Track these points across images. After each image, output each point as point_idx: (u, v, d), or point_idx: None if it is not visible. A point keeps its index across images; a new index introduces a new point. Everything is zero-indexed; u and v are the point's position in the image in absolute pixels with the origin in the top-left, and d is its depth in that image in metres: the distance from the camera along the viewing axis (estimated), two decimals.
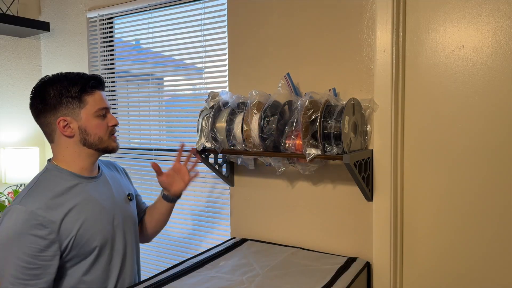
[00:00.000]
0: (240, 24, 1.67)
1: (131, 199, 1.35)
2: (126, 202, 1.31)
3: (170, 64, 2.02)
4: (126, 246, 1.27)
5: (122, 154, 2.19)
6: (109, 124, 1.21)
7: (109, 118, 1.22)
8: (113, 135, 1.24)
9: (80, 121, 1.16)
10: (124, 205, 1.30)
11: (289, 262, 1.39)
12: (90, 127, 1.17)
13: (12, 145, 2.34)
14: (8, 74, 2.35)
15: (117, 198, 1.27)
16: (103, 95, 1.22)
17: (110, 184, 1.28)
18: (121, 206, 1.28)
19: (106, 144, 1.21)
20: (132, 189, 1.43)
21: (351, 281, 1.24)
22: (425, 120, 1.37)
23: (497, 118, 1.26)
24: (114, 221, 1.22)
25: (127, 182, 1.42)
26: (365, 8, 1.41)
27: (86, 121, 1.16)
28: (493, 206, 1.28)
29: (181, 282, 1.22)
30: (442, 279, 1.38)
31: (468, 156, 1.31)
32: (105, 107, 1.20)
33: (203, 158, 1.59)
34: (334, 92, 1.42)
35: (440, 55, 1.33)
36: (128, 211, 1.31)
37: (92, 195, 1.19)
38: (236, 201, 1.75)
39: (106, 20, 2.19)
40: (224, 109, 1.51)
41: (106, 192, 1.24)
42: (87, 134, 1.17)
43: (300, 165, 1.45)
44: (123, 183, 1.37)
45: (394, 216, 1.40)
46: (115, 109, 2.21)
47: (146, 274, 1.99)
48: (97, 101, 1.18)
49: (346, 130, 1.25)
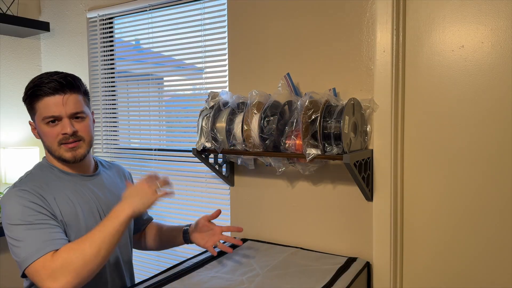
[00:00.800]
0: (240, 24, 1.67)
1: None
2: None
3: (170, 64, 2.02)
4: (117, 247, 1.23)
5: (122, 154, 2.19)
6: (61, 131, 1.13)
7: (62, 126, 1.13)
8: (65, 144, 1.14)
9: (37, 126, 1.17)
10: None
11: (289, 262, 1.39)
12: (42, 133, 1.16)
13: (12, 145, 2.34)
14: (8, 74, 2.35)
15: (110, 200, 1.25)
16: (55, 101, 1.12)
17: (105, 185, 1.27)
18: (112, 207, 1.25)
19: (58, 154, 1.16)
20: None
21: (351, 281, 1.24)
22: (425, 120, 1.37)
23: (497, 118, 1.26)
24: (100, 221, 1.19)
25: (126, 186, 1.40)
26: (365, 8, 1.41)
27: (39, 127, 1.16)
28: (493, 206, 1.28)
29: (181, 282, 1.22)
30: (442, 279, 1.38)
31: (468, 156, 1.31)
32: (50, 115, 1.12)
33: (203, 158, 1.60)
34: (334, 92, 1.42)
35: (440, 55, 1.33)
36: None
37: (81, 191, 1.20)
38: (236, 201, 1.74)
39: (106, 20, 2.19)
40: (224, 109, 1.51)
41: (97, 191, 1.23)
42: (43, 140, 1.18)
43: (300, 165, 1.45)
44: (121, 186, 1.34)
45: (394, 216, 1.40)
46: (115, 109, 2.21)
47: (146, 274, 2.00)
48: (43, 108, 1.12)
49: (346, 130, 1.25)
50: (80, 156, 1.17)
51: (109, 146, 2.24)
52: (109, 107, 2.23)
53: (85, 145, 1.18)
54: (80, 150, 1.17)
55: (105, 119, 2.24)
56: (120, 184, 1.35)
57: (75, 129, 1.14)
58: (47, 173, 1.18)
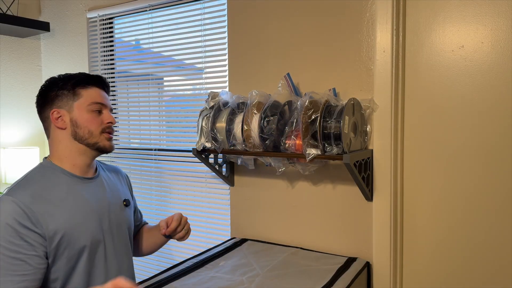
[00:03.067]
0: (240, 24, 1.67)
1: (126, 205, 1.31)
2: (121, 208, 1.28)
3: (170, 64, 2.02)
4: (115, 250, 1.23)
5: (122, 154, 2.19)
6: (104, 121, 1.20)
7: (105, 115, 1.20)
8: (106, 133, 1.20)
9: (72, 113, 1.16)
10: (118, 210, 1.26)
11: (289, 262, 1.39)
12: (81, 120, 1.16)
13: (12, 145, 2.34)
14: (8, 74, 2.35)
15: (111, 202, 1.24)
16: (101, 93, 1.21)
17: (105, 187, 1.26)
18: (114, 210, 1.25)
19: (96, 140, 1.18)
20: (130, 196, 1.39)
21: (351, 281, 1.24)
22: (425, 120, 1.37)
23: (497, 118, 1.26)
24: (103, 224, 1.19)
25: (126, 188, 1.39)
26: (365, 8, 1.41)
27: (78, 113, 1.16)
28: (493, 206, 1.28)
29: (181, 282, 1.22)
30: (442, 279, 1.38)
31: (468, 156, 1.31)
32: (99, 102, 1.19)
33: (203, 158, 1.60)
34: (334, 92, 1.42)
35: (440, 55, 1.33)
36: (122, 216, 1.28)
37: (82, 194, 1.17)
38: (236, 201, 1.75)
39: (106, 20, 2.19)
40: (224, 109, 1.51)
41: (98, 194, 1.22)
42: (78, 127, 1.16)
43: (300, 165, 1.45)
44: (121, 189, 1.33)
45: (394, 216, 1.40)
46: (115, 109, 2.21)
47: (146, 274, 2.00)
48: (91, 95, 1.18)
49: (346, 130, 1.25)
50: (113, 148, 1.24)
51: None
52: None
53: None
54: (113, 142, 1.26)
55: None
56: (119, 186, 1.34)
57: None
58: (48, 175, 1.15)
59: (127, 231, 1.29)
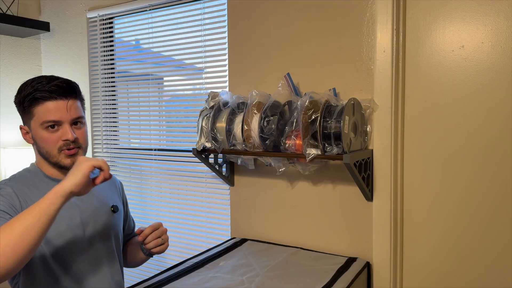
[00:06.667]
0: (240, 24, 1.67)
1: (114, 211, 1.27)
2: (108, 214, 1.25)
3: (170, 64, 2.02)
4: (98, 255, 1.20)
5: (122, 154, 2.19)
6: (61, 137, 1.10)
7: (62, 131, 1.11)
8: (65, 150, 1.11)
9: (32, 131, 1.13)
10: (104, 215, 1.23)
11: (289, 262, 1.39)
12: (38, 138, 1.12)
13: (12, 145, 2.34)
14: (8, 74, 2.35)
15: (97, 207, 1.22)
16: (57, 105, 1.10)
17: (92, 192, 1.21)
18: (100, 216, 1.22)
19: (56, 159, 1.12)
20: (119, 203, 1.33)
21: (351, 281, 1.24)
22: (425, 120, 1.37)
23: (498, 118, 1.26)
24: (85, 229, 1.16)
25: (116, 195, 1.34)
26: (365, 8, 1.41)
27: (35, 132, 1.12)
28: (493, 206, 1.28)
29: (181, 282, 1.22)
30: (442, 279, 1.38)
31: (468, 156, 1.31)
32: (51, 119, 1.09)
33: (203, 158, 1.60)
34: (334, 92, 1.42)
35: (440, 55, 1.33)
36: (108, 222, 1.24)
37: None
38: (236, 201, 1.75)
39: (106, 20, 2.19)
40: (224, 109, 1.51)
41: (82, 198, 1.19)
42: (38, 146, 1.14)
43: (300, 165, 1.45)
44: (109, 194, 1.30)
45: (394, 216, 1.40)
46: (115, 109, 2.22)
47: (146, 274, 2.00)
48: (43, 112, 1.09)
49: (346, 130, 1.25)
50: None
51: (109, 146, 2.24)
52: (109, 107, 2.23)
53: (82, 152, 1.16)
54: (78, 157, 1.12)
55: (105, 119, 2.24)
56: (109, 193, 1.30)
57: (75, 136, 1.12)
58: (32, 178, 1.14)
59: (112, 238, 1.25)
